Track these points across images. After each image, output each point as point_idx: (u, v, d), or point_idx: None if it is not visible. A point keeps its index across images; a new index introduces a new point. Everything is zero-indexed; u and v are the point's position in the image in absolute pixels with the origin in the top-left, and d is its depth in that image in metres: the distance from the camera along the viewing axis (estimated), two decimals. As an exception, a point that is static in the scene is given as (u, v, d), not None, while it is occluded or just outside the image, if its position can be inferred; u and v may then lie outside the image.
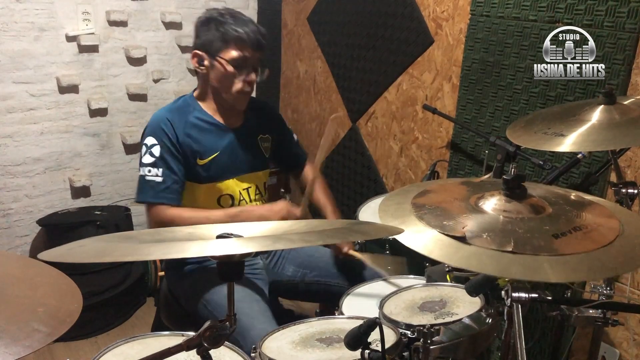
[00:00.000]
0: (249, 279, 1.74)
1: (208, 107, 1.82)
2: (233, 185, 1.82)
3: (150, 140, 1.73)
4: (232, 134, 1.83)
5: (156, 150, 1.71)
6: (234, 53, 1.72)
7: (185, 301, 1.79)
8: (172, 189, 1.71)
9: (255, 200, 1.87)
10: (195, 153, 1.75)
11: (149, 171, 1.71)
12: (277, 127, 2.00)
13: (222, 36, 1.72)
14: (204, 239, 0.98)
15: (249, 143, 1.88)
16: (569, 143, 1.25)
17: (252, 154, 1.88)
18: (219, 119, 1.82)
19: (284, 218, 1.71)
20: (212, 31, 1.74)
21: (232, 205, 1.82)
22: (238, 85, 1.75)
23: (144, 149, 1.74)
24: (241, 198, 1.83)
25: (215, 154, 1.78)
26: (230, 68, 1.73)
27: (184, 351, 0.87)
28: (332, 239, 0.97)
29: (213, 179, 1.78)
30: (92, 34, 2.88)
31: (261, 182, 1.92)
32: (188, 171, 1.75)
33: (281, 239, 0.87)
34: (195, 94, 1.85)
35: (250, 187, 1.86)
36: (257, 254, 1.83)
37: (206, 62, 1.76)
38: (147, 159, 1.72)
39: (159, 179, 1.70)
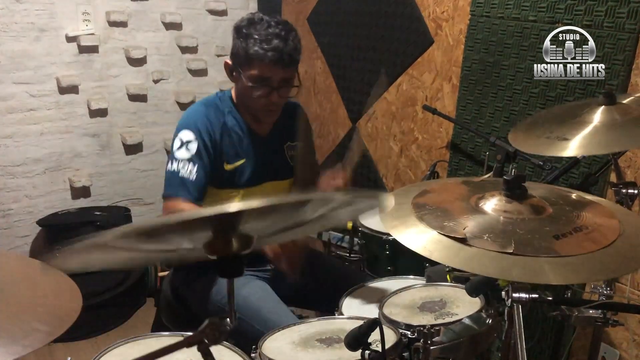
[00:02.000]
0: (264, 281, 1.73)
1: (242, 110, 1.75)
2: (255, 193, 1.76)
3: (187, 135, 1.64)
4: (260, 141, 1.77)
5: (193, 147, 1.63)
6: (253, 72, 1.63)
7: (198, 305, 1.75)
8: (201, 189, 1.64)
9: None
10: (224, 156, 1.69)
11: (183, 166, 1.62)
12: (305, 135, 1.91)
13: (245, 50, 1.62)
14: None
15: (276, 151, 1.82)
16: (573, 147, 1.24)
17: (278, 162, 1.82)
18: (250, 123, 1.75)
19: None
20: (239, 41, 1.65)
21: None
22: (261, 102, 1.67)
23: (177, 142, 1.64)
24: None
25: (242, 161, 1.72)
26: (250, 85, 1.64)
27: (185, 348, 0.86)
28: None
29: (235, 185, 1.73)
30: (92, 34, 2.88)
31: (283, 191, 1.86)
32: (212, 173, 1.68)
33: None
34: (233, 93, 1.77)
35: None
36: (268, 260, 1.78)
37: (234, 73, 1.70)
38: (183, 154, 1.63)
39: (193, 177, 1.62)
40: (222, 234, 0.80)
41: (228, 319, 0.86)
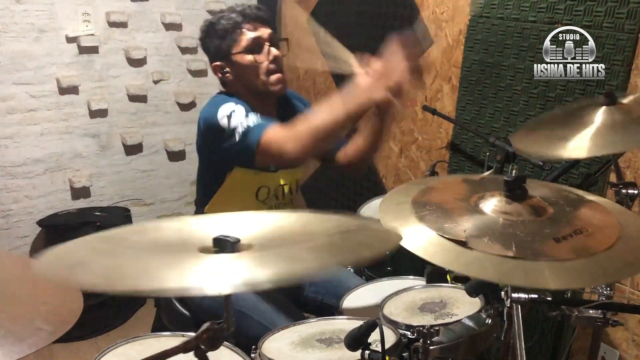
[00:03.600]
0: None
1: (247, 103, 1.69)
2: (276, 179, 1.75)
3: (227, 109, 1.58)
4: None
5: (240, 110, 1.58)
6: (242, 40, 1.66)
7: (200, 304, 1.73)
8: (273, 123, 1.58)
9: (284, 202, 1.80)
10: None
11: (247, 117, 1.56)
12: (297, 109, 1.87)
13: (223, 33, 1.67)
14: (199, 240, 0.90)
15: None
16: (576, 148, 1.24)
17: None
18: (259, 113, 1.68)
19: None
20: (213, 36, 1.70)
21: (268, 196, 1.74)
22: (264, 68, 1.67)
23: (224, 121, 1.56)
24: (275, 193, 1.76)
25: None
26: (248, 57, 1.66)
27: (182, 353, 0.86)
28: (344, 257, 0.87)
29: (266, 166, 1.69)
30: (92, 35, 2.88)
31: (295, 180, 1.85)
32: None
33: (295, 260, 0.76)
34: (232, 94, 1.74)
35: (285, 185, 1.78)
36: None
37: (227, 68, 1.70)
38: (238, 117, 1.56)
39: (257, 119, 1.56)
40: None
41: (225, 324, 0.86)
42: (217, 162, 1.72)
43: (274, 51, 1.68)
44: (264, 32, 1.69)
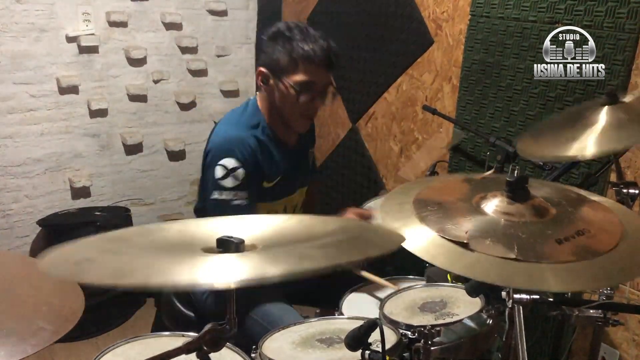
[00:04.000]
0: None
1: (272, 122, 1.71)
2: (285, 204, 1.77)
3: (231, 163, 1.59)
4: (291, 153, 1.76)
5: (240, 174, 1.59)
6: (299, 77, 1.60)
7: (201, 305, 1.74)
8: (253, 210, 1.63)
9: None
10: (264, 176, 1.67)
11: (234, 195, 1.58)
12: (314, 138, 1.93)
13: (289, 54, 1.59)
14: (203, 242, 0.92)
15: (303, 159, 1.82)
16: (583, 147, 1.24)
17: (305, 169, 1.82)
18: (279, 133, 1.73)
19: None
20: (278, 48, 1.61)
21: None
22: (301, 109, 1.64)
23: (221, 170, 1.59)
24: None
25: (279, 177, 1.71)
26: (293, 92, 1.61)
27: (184, 354, 0.86)
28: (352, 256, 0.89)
29: (273, 198, 1.72)
30: (92, 34, 2.88)
31: (302, 199, 1.86)
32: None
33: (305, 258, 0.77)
34: (260, 104, 1.72)
35: (297, 205, 1.81)
36: None
37: (271, 82, 1.65)
38: (231, 182, 1.58)
39: (245, 202, 1.60)
40: None
41: (228, 326, 0.86)
42: None
43: (318, 103, 1.66)
44: (323, 79, 1.64)
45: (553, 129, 1.40)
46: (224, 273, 0.74)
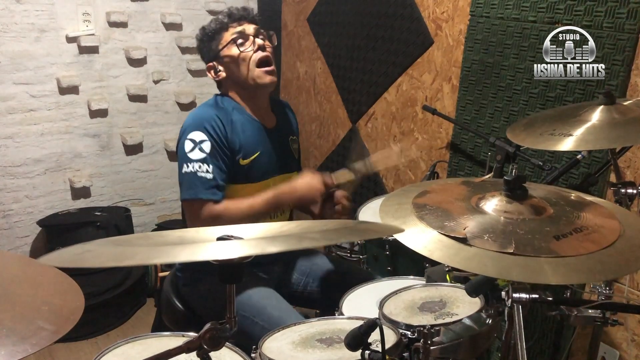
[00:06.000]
0: (268, 281, 1.75)
1: (244, 100, 1.77)
2: (269, 186, 1.76)
3: (198, 136, 1.64)
4: (269, 134, 1.78)
5: (206, 146, 1.63)
6: (229, 34, 1.72)
7: (202, 304, 1.76)
8: (221, 186, 1.64)
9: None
10: (239, 152, 1.70)
11: (200, 167, 1.62)
12: (297, 129, 1.97)
13: (212, 34, 1.74)
14: (203, 241, 0.96)
15: (283, 144, 1.84)
16: (574, 142, 1.25)
17: (286, 155, 1.84)
18: (256, 116, 1.77)
19: (321, 194, 1.67)
20: (204, 39, 1.76)
21: None
22: (253, 60, 1.71)
23: (189, 144, 1.64)
24: None
25: (256, 154, 1.73)
26: (235, 51, 1.70)
27: (184, 353, 0.86)
28: (339, 238, 0.96)
29: (251, 179, 1.73)
30: (93, 35, 2.88)
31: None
32: (229, 171, 1.69)
33: (304, 239, 0.84)
34: (225, 91, 1.80)
35: None
36: (274, 261, 1.82)
37: (219, 67, 1.74)
38: (197, 154, 1.63)
39: (210, 175, 1.62)
40: None
41: (228, 325, 0.86)
42: None
43: (259, 41, 1.73)
44: (248, 27, 1.75)
45: (546, 121, 1.41)
46: (224, 249, 0.80)
